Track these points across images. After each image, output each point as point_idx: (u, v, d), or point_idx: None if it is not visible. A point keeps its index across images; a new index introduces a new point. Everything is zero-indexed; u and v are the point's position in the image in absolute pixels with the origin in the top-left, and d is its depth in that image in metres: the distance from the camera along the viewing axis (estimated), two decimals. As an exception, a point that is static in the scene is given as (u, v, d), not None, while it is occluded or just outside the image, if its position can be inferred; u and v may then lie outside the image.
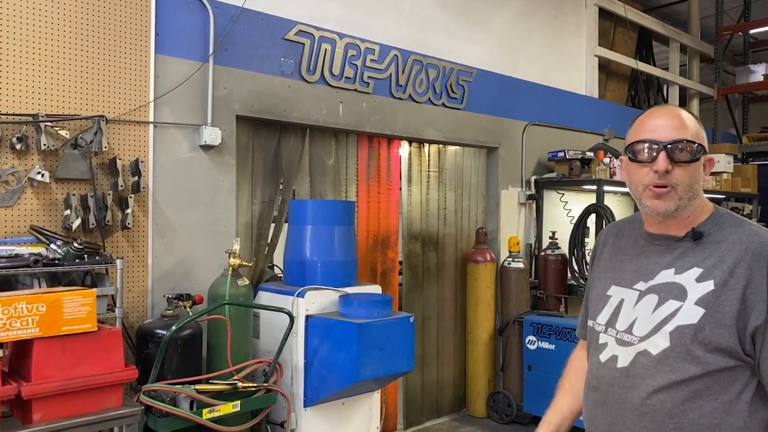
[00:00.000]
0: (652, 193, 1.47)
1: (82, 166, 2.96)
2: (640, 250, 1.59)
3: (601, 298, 1.62)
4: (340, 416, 3.39)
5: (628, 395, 1.47)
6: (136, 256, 3.18)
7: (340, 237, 3.42)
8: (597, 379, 1.56)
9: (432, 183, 4.92)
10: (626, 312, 1.54)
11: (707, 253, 1.46)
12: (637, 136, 1.50)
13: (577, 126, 6.03)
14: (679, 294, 1.44)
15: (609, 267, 1.66)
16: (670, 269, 1.49)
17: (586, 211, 5.15)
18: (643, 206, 1.52)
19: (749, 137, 9.03)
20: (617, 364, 1.51)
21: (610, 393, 1.51)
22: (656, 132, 1.47)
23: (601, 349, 1.57)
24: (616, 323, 1.55)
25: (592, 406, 1.58)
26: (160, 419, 2.64)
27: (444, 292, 5.04)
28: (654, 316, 1.47)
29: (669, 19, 8.87)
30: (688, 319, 1.40)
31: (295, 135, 3.98)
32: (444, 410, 5.06)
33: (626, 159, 1.54)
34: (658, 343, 1.44)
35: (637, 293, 1.53)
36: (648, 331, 1.46)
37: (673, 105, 1.54)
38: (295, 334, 3.19)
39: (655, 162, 1.45)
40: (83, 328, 2.22)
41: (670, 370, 1.41)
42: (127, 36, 3.15)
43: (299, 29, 3.85)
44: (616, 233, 1.71)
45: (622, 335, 1.52)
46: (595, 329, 1.61)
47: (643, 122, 1.52)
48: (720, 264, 1.42)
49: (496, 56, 5.32)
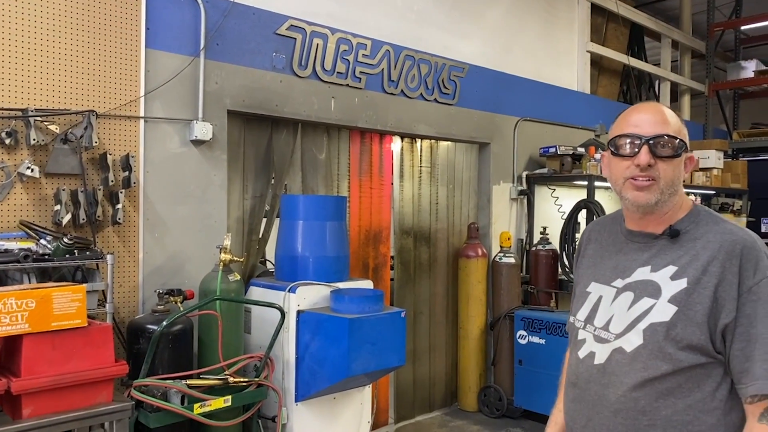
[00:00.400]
0: (634, 185, 1.47)
1: (72, 161, 2.95)
2: (620, 246, 1.61)
3: (582, 295, 1.65)
4: (331, 411, 3.40)
5: (604, 392, 1.49)
6: (126, 252, 3.17)
7: (332, 232, 3.43)
8: (575, 375, 1.58)
9: (424, 178, 4.93)
10: (604, 309, 1.56)
11: (683, 251, 1.47)
12: (620, 130, 1.51)
13: (568, 122, 6.05)
14: (653, 292, 1.46)
15: (591, 264, 1.68)
16: (647, 267, 1.51)
17: (576, 206, 5.17)
18: (624, 199, 1.52)
19: (739, 133, 9.09)
20: (594, 360, 1.53)
21: (588, 389, 1.53)
22: (639, 127, 1.48)
23: (580, 345, 1.59)
24: (595, 320, 1.57)
25: (571, 402, 1.60)
26: (151, 414, 2.64)
27: (436, 287, 5.05)
28: (629, 313, 1.49)
29: (661, 15, 8.91)
30: (661, 317, 1.42)
31: (287, 130, 3.98)
32: (435, 404, 5.08)
33: (608, 153, 1.55)
34: (632, 341, 1.45)
35: (615, 290, 1.55)
36: (623, 329, 1.48)
37: (655, 102, 1.55)
38: (287, 330, 3.19)
39: (637, 156, 1.46)
40: (73, 323, 2.21)
41: (643, 367, 1.43)
42: (118, 30, 3.14)
43: (291, 24, 3.84)
44: (599, 230, 1.73)
45: (599, 332, 1.54)
46: (575, 325, 1.64)
47: (626, 117, 1.53)
48: (694, 262, 1.43)
49: (488, 51, 5.33)
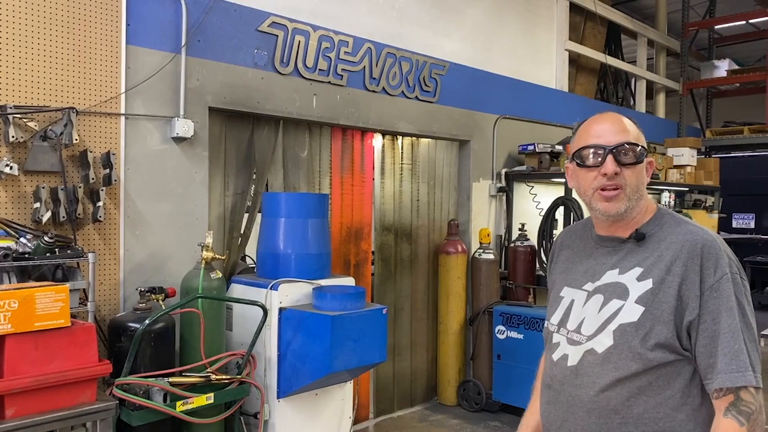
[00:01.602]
0: (602, 196, 1.52)
1: (51, 158, 2.92)
2: (590, 251, 1.66)
3: (555, 300, 1.70)
4: (313, 407, 3.43)
5: (578, 393, 1.52)
6: (107, 249, 3.16)
7: (314, 229, 3.45)
8: (550, 378, 1.63)
9: (405, 175, 4.97)
10: (576, 312, 1.60)
11: (648, 252, 1.52)
12: (583, 142, 1.55)
13: (547, 119, 6.13)
14: (621, 293, 1.51)
15: (563, 269, 1.73)
16: (615, 270, 1.56)
17: (554, 203, 5.26)
18: (594, 210, 1.56)
19: (712, 131, 9.29)
20: (567, 362, 1.56)
21: (562, 391, 1.57)
22: (601, 137, 1.52)
23: (554, 349, 1.63)
24: (567, 323, 1.61)
25: (546, 404, 1.64)
26: (133, 412, 2.65)
27: (416, 283, 5.10)
28: (600, 315, 1.53)
29: (638, 13, 9.05)
30: (630, 317, 1.46)
31: (269, 127, 3.98)
32: (416, 399, 5.14)
33: (573, 166, 1.58)
34: (603, 342, 1.49)
35: (586, 294, 1.60)
36: (594, 330, 1.53)
37: (612, 112, 1.60)
38: (269, 327, 3.21)
39: (603, 165, 1.50)
40: (56, 323, 2.21)
41: (614, 367, 1.46)
42: (98, 26, 3.11)
43: (273, 21, 3.84)
44: (571, 236, 1.77)
45: (572, 335, 1.59)
46: (549, 329, 1.68)
47: (587, 129, 1.57)
48: (658, 263, 1.48)
49: (468, 49, 5.37)
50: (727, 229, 9.94)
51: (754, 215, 10.24)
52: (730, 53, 10.54)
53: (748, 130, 8.80)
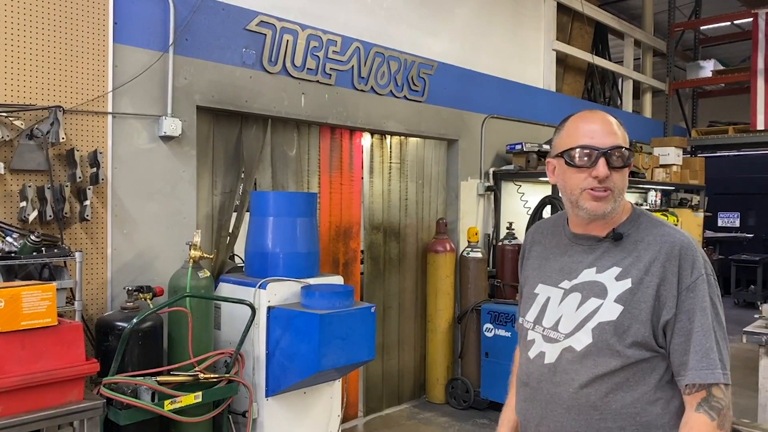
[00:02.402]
0: (591, 196, 1.51)
1: (38, 157, 2.91)
2: (564, 249, 1.65)
3: (529, 296, 1.69)
4: (301, 405, 3.44)
5: (556, 390, 1.53)
6: (95, 248, 3.15)
7: (303, 228, 3.45)
8: (527, 375, 1.62)
9: (394, 174, 4.98)
10: (552, 309, 1.60)
11: (626, 252, 1.54)
12: (573, 141, 1.53)
13: (534, 119, 6.17)
14: (600, 292, 1.52)
15: (536, 265, 1.73)
16: (592, 268, 1.57)
17: (541, 202, 5.29)
18: (579, 208, 1.55)
19: (698, 131, 9.39)
20: (545, 360, 1.57)
21: (539, 388, 1.58)
22: (593, 138, 1.51)
23: (530, 346, 1.63)
24: (543, 320, 1.61)
25: (523, 401, 1.64)
26: (121, 411, 2.64)
27: (405, 281, 5.12)
28: (578, 313, 1.54)
29: (625, 14, 9.12)
30: (609, 316, 1.48)
31: (257, 126, 3.98)
32: (404, 397, 5.16)
33: (560, 163, 1.56)
34: (582, 340, 1.51)
35: (562, 291, 1.60)
36: (572, 328, 1.53)
37: (599, 111, 1.60)
38: (257, 325, 3.21)
39: (594, 168, 1.49)
40: (43, 322, 2.21)
41: (593, 364, 1.48)
42: (85, 25, 3.10)
43: (261, 20, 3.84)
44: (542, 233, 1.77)
45: (548, 332, 1.59)
46: (524, 326, 1.68)
47: (578, 128, 1.55)
48: (637, 263, 1.50)
49: (456, 49, 5.40)
50: (712, 227, 10.05)
51: (739, 214, 10.37)
52: (716, 54, 10.65)
53: (733, 129, 8.90)
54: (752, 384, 1.65)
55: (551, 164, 1.63)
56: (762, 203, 10.04)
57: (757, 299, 9.22)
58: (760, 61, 8.17)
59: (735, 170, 10.15)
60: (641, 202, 7.59)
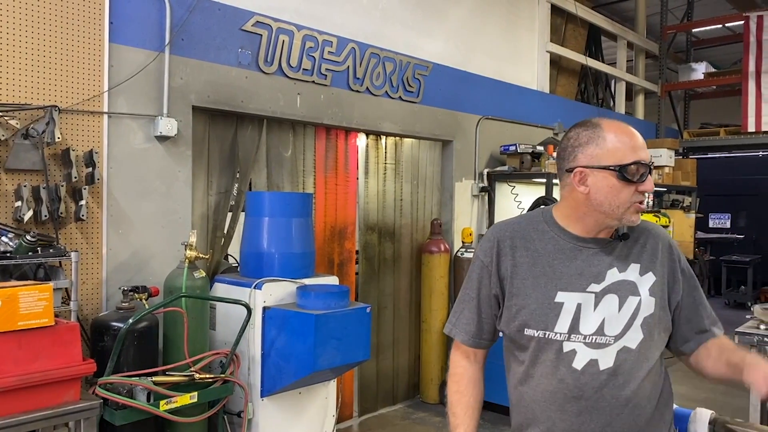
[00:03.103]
0: (638, 209, 1.56)
1: (33, 156, 2.90)
2: (572, 253, 1.60)
3: (549, 307, 1.58)
4: (296, 405, 3.45)
5: (621, 393, 1.54)
6: (90, 248, 3.14)
7: (298, 229, 3.46)
8: (578, 389, 1.55)
9: (389, 175, 4.99)
10: (587, 315, 1.56)
11: (636, 249, 1.64)
12: (630, 156, 1.52)
13: (528, 120, 6.20)
14: (633, 290, 1.59)
15: (539, 273, 1.61)
16: (614, 269, 1.60)
17: (535, 203, 5.31)
18: (622, 220, 1.56)
19: (690, 133, 9.46)
20: (600, 367, 1.54)
21: (599, 397, 1.54)
22: (642, 152, 1.55)
23: (571, 358, 1.56)
24: (581, 328, 1.56)
25: (576, 416, 1.55)
26: (117, 412, 2.64)
27: (400, 282, 5.14)
28: (622, 313, 1.57)
29: (618, 16, 9.17)
30: (649, 310, 1.59)
31: (252, 126, 3.98)
32: (398, 397, 5.18)
33: (607, 176, 1.52)
34: (634, 338, 1.57)
35: (593, 295, 1.57)
36: (621, 329, 1.56)
37: (624, 122, 1.63)
38: (252, 326, 3.22)
39: (645, 183, 1.54)
40: (40, 322, 2.20)
41: (645, 359, 1.58)
42: (80, 24, 3.09)
43: (257, 20, 3.84)
44: (522, 236, 1.66)
45: (592, 338, 1.55)
46: (553, 339, 1.58)
47: (631, 141, 1.55)
48: (652, 257, 1.63)
49: (451, 50, 5.42)
50: (703, 228, 10.12)
51: (730, 215, 10.45)
52: (707, 56, 10.73)
53: (724, 131, 8.98)
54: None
55: (582, 173, 1.55)
56: (752, 204, 10.12)
57: (747, 300, 9.30)
58: (751, 63, 8.24)
59: (726, 172, 10.23)
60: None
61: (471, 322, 1.74)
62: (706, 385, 5.87)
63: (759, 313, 3.70)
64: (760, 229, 10.09)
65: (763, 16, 8.18)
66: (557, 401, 1.57)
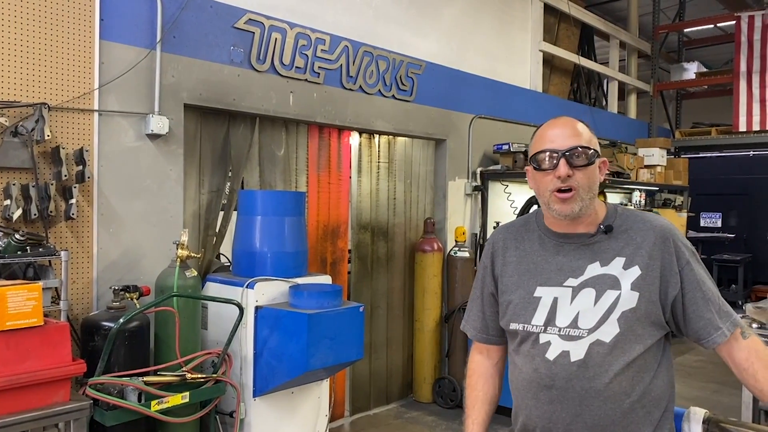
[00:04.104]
0: (558, 198, 1.62)
1: (22, 154, 2.87)
2: (554, 249, 1.70)
3: (528, 301, 1.69)
4: (289, 405, 3.43)
5: (591, 385, 1.58)
6: (80, 247, 3.11)
7: (291, 228, 3.44)
8: (550, 378, 1.62)
9: (382, 174, 4.98)
10: (564, 308, 1.64)
11: (621, 243, 1.65)
12: (538, 147, 1.66)
13: (521, 119, 6.20)
14: (613, 283, 1.61)
15: (524, 270, 1.72)
16: (595, 263, 1.64)
17: (528, 202, 5.33)
18: (551, 210, 1.66)
19: (682, 132, 9.50)
20: (571, 358, 1.60)
21: (569, 387, 1.59)
22: (554, 142, 1.63)
23: (546, 349, 1.63)
24: (556, 321, 1.64)
25: (548, 404, 1.63)
26: (107, 412, 2.61)
27: (393, 281, 5.12)
28: (597, 307, 1.61)
29: (610, 15, 9.20)
30: (629, 304, 1.59)
31: (245, 124, 3.96)
32: (391, 396, 5.17)
33: (531, 169, 1.68)
34: (609, 331, 1.58)
35: (570, 289, 1.64)
36: (596, 322, 1.60)
37: (566, 116, 1.71)
38: (245, 325, 3.20)
39: (556, 169, 1.60)
40: (29, 322, 2.17)
41: (622, 352, 1.58)
42: (70, 21, 3.06)
43: (249, 18, 3.82)
44: (514, 237, 1.79)
45: (567, 330, 1.62)
46: (531, 331, 1.67)
47: (542, 134, 1.68)
48: (639, 251, 1.62)
49: (444, 49, 5.41)
50: (695, 227, 10.17)
51: (721, 214, 10.49)
52: (699, 56, 10.77)
53: (716, 131, 9.02)
54: (735, 382, 1.72)
55: (528, 171, 1.72)
56: (743, 204, 10.17)
57: (738, 298, 9.34)
58: (742, 63, 8.28)
59: (717, 171, 10.27)
60: (626, 202, 7.66)
61: (477, 319, 1.87)
62: (698, 383, 5.91)
63: (751, 312, 3.71)
64: (751, 229, 10.14)
65: (754, 16, 8.22)
66: (532, 390, 1.66)
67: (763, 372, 1.58)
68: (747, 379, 1.61)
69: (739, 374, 1.63)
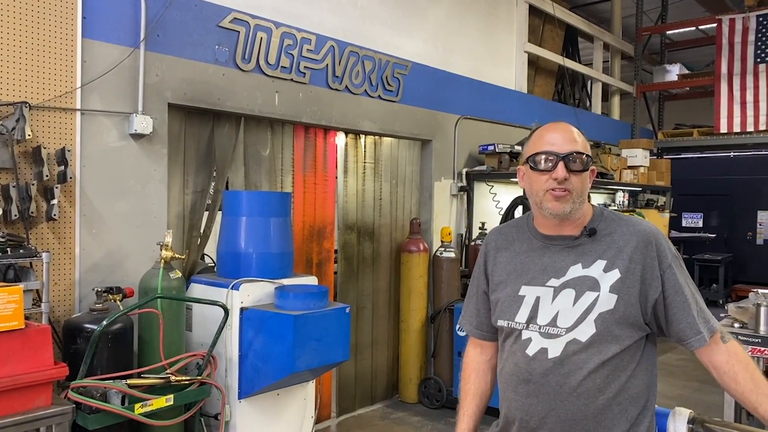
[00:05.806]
0: (552, 196, 1.67)
1: (2, 154, 2.82)
2: (540, 251, 1.76)
3: (513, 299, 1.76)
4: (275, 407, 3.41)
5: (566, 381, 1.63)
6: (62, 249, 3.07)
7: (276, 228, 3.42)
8: (528, 372, 1.68)
9: (368, 174, 4.97)
10: (545, 307, 1.70)
11: (604, 246, 1.70)
12: (537, 148, 1.70)
13: (506, 120, 6.23)
14: (593, 285, 1.66)
15: (511, 270, 1.79)
16: (577, 265, 1.70)
17: (513, 202, 5.35)
18: (542, 209, 1.70)
19: (664, 133, 9.60)
20: (548, 355, 1.66)
21: (545, 382, 1.65)
22: (554, 145, 1.68)
23: (526, 345, 1.70)
24: (537, 319, 1.70)
25: (525, 398, 1.69)
26: (90, 416, 2.58)
27: (379, 281, 5.12)
28: (576, 307, 1.66)
29: (594, 17, 9.27)
30: (607, 306, 1.63)
31: (229, 124, 3.93)
32: (377, 397, 5.16)
33: (526, 168, 1.73)
34: (586, 331, 1.63)
35: (552, 289, 1.70)
36: (573, 322, 1.65)
37: (564, 122, 1.76)
38: (230, 327, 3.17)
39: (554, 170, 1.66)
40: (9, 325, 2.13)
41: (597, 352, 1.62)
42: (52, 18, 3.01)
43: (234, 17, 3.79)
44: (506, 238, 1.86)
45: (546, 329, 1.68)
46: (515, 327, 1.74)
47: (542, 136, 1.72)
48: (620, 254, 1.67)
49: (430, 50, 5.41)
50: (677, 227, 10.28)
51: (702, 214, 10.62)
52: (681, 58, 10.90)
53: (697, 132, 9.13)
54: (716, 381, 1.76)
55: (521, 171, 1.78)
56: (724, 204, 10.31)
57: (719, 298, 9.47)
58: (723, 65, 8.39)
59: (699, 172, 10.40)
60: (609, 203, 7.73)
61: (472, 315, 1.94)
62: (680, 382, 5.97)
63: (733, 311, 3.76)
64: (732, 229, 10.28)
65: (735, 19, 8.33)
66: (512, 383, 1.73)
67: (743, 374, 1.62)
68: (728, 383, 1.65)
69: (720, 378, 1.67)
